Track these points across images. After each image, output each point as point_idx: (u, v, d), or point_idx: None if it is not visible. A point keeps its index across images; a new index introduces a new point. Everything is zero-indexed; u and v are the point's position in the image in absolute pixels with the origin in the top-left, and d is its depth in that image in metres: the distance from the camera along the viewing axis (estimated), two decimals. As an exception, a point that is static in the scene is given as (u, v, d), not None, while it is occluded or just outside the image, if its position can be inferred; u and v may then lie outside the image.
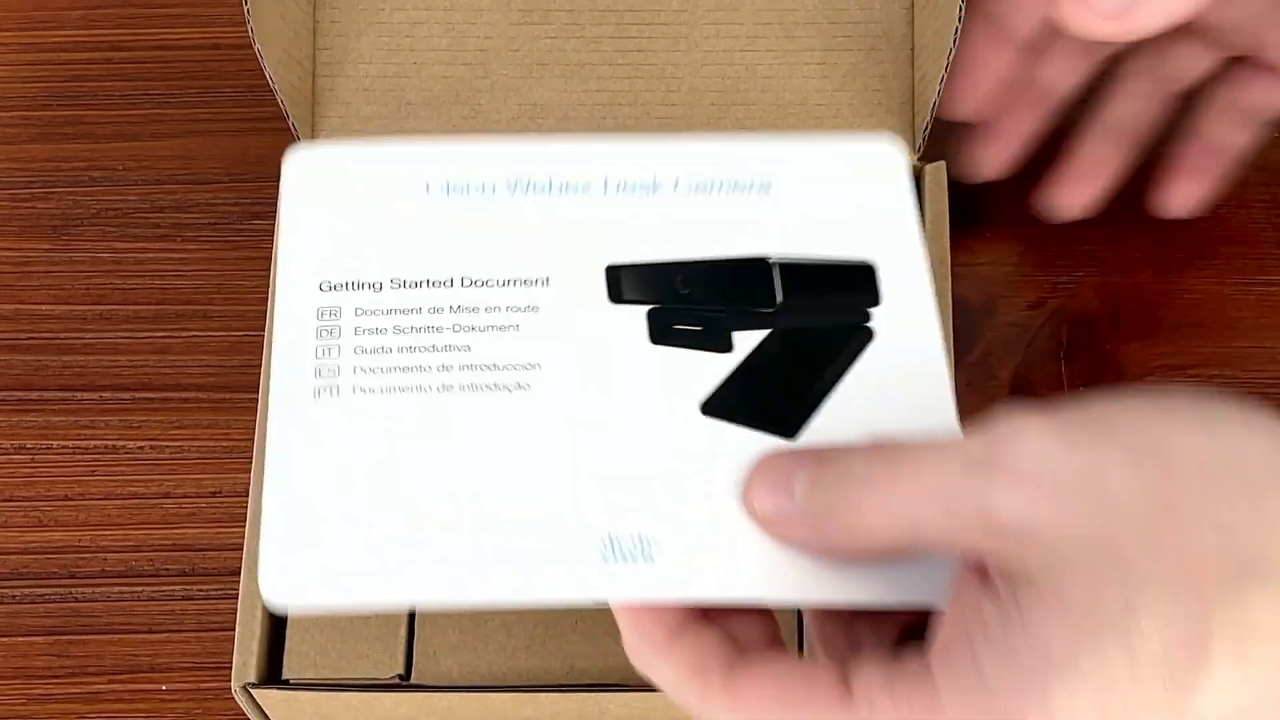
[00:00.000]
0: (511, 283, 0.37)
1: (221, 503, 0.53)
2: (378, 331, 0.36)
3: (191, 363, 0.54)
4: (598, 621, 0.45)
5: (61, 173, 0.57)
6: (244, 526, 0.46)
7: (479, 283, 0.37)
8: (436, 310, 0.36)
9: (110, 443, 0.53)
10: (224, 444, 0.53)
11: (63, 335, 0.55)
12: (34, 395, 0.54)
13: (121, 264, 0.56)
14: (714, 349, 0.36)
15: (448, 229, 0.38)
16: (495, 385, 0.35)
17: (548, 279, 0.37)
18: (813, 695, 0.31)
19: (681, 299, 0.37)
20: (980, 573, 0.30)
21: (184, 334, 0.55)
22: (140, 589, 0.52)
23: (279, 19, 0.48)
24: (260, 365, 0.47)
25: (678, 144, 0.40)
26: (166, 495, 0.53)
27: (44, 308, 0.55)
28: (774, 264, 0.37)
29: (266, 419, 0.35)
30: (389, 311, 0.36)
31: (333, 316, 0.36)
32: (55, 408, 0.54)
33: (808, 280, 0.37)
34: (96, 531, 0.52)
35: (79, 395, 0.54)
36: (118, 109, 0.58)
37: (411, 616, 0.46)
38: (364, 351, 0.36)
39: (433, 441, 0.35)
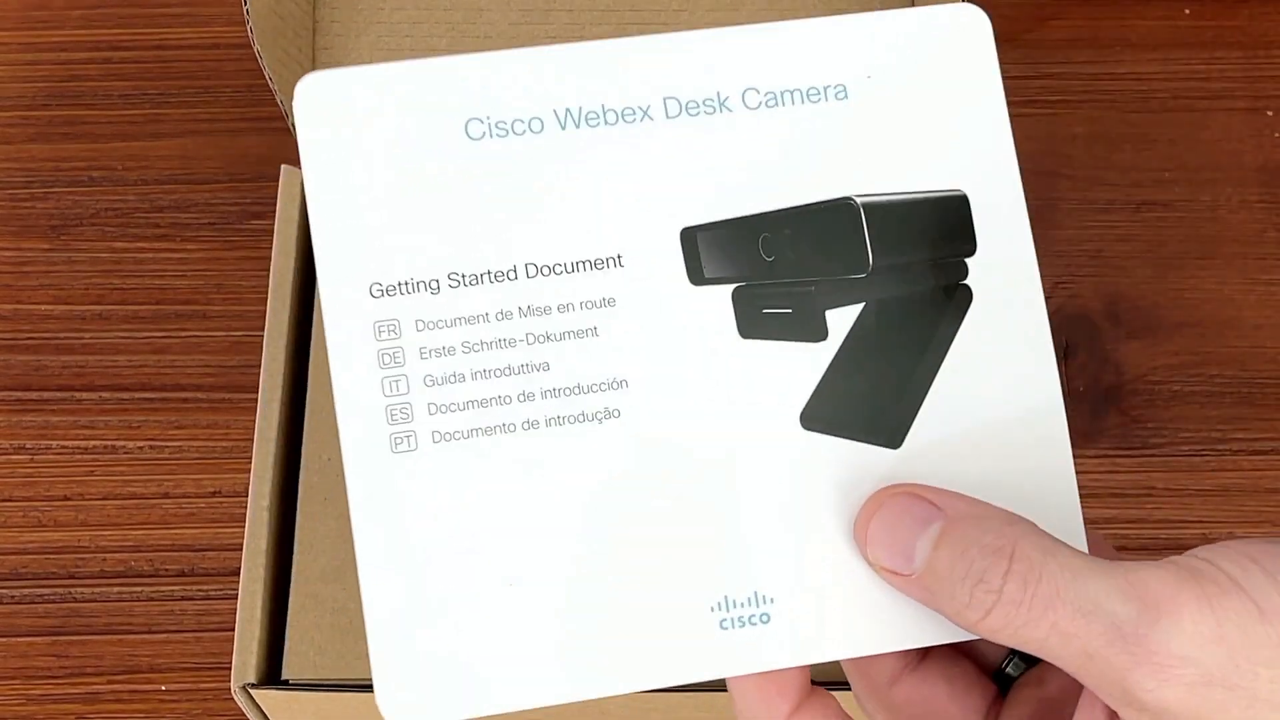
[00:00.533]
0: (582, 266, 0.33)
1: (221, 503, 0.53)
2: (446, 353, 0.33)
3: (191, 363, 0.54)
4: (597, 622, 0.45)
5: (60, 172, 0.57)
6: (243, 526, 0.45)
7: (546, 270, 0.33)
8: (505, 316, 0.33)
9: (109, 443, 0.53)
10: (223, 444, 0.53)
11: (62, 335, 0.55)
12: (33, 395, 0.54)
13: (120, 264, 0.56)
14: (807, 338, 0.33)
15: (498, 191, 0.33)
16: (582, 416, 0.33)
17: (619, 256, 0.33)
18: None
19: (766, 269, 0.33)
20: (1111, 717, 0.30)
21: (183, 334, 0.55)
22: (139, 589, 0.52)
23: (278, 19, 0.48)
24: (259, 365, 0.47)
25: (738, 35, 0.35)
26: (166, 495, 0.53)
27: (43, 308, 0.55)
28: (861, 206, 0.33)
29: (345, 472, 0.32)
30: (454, 323, 0.33)
31: (392, 334, 0.33)
32: (54, 408, 0.54)
33: (898, 226, 0.33)
34: (96, 532, 0.52)
35: (78, 395, 0.54)
36: (117, 109, 0.58)
37: (411, 617, 0.46)
38: (435, 383, 0.32)
39: (523, 502, 0.32)
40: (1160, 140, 0.58)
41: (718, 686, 0.44)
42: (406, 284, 0.33)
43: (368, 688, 0.45)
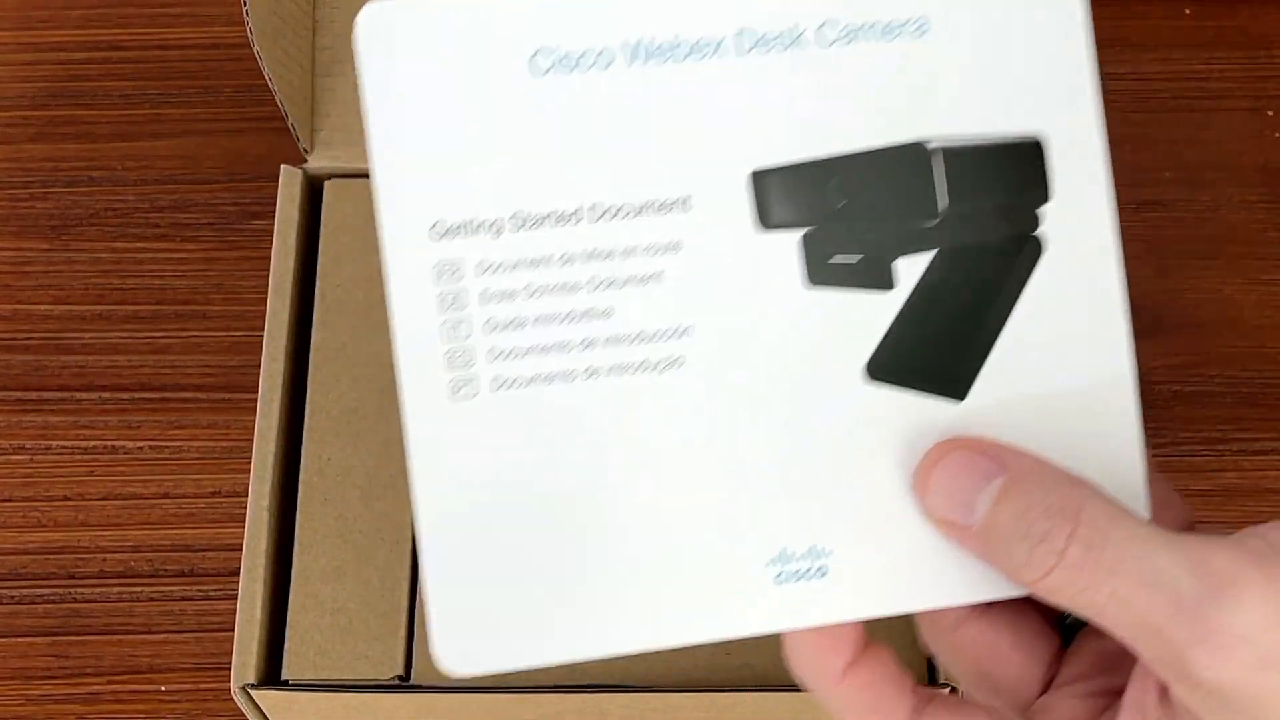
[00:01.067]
0: (647, 208, 0.32)
1: (220, 503, 0.53)
2: (509, 297, 0.32)
3: (190, 363, 0.54)
4: (598, 622, 0.45)
5: (60, 172, 0.57)
6: (243, 526, 0.45)
7: (611, 212, 0.32)
8: (569, 260, 0.32)
9: (109, 443, 0.53)
10: (223, 444, 0.53)
11: (62, 335, 0.55)
12: (33, 395, 0.54)
13: (120, 264, 0.56)
14: (875, 286, 0.32)
15: (563, 128, 0.32)
16: (644, 364, 0.32)
17: (687, 198, 0.32)
18: None
19: (836, 214, 0.33)
20: (1162, 690, 0.30)
21: (183, 334, 0.55)
22: (139, 589, 0.52)
23: (278, 19, 0.48)
24: (259, 365, 0.47)
25: None
26: (165, 495, 0.53)
27: (43, 308, 0.55)
28: (933, 151, 0.32)
29: (404, 419, 0.32)
30: (516, 266, 0.32)
31: (454, 277, 0.32)
32: (54, 408, 0.54)
33: (971, 173, 0.33)
34: (95, 532, 0.52)
35: (78, 395, 0.54)
36: (117, 109, 0.58)
37: (411, 618, 0.46)
38: (497, 328, 0.32)
39: (585, 451, 0.32)
40: (1160, 140, 0.58)
41: (718, 686, 0.44)
42: (468, 224, 0.32)
43: (368, 688, 0.45)
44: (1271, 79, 0.58)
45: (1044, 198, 0.33)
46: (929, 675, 0.44)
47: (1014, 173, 0.32)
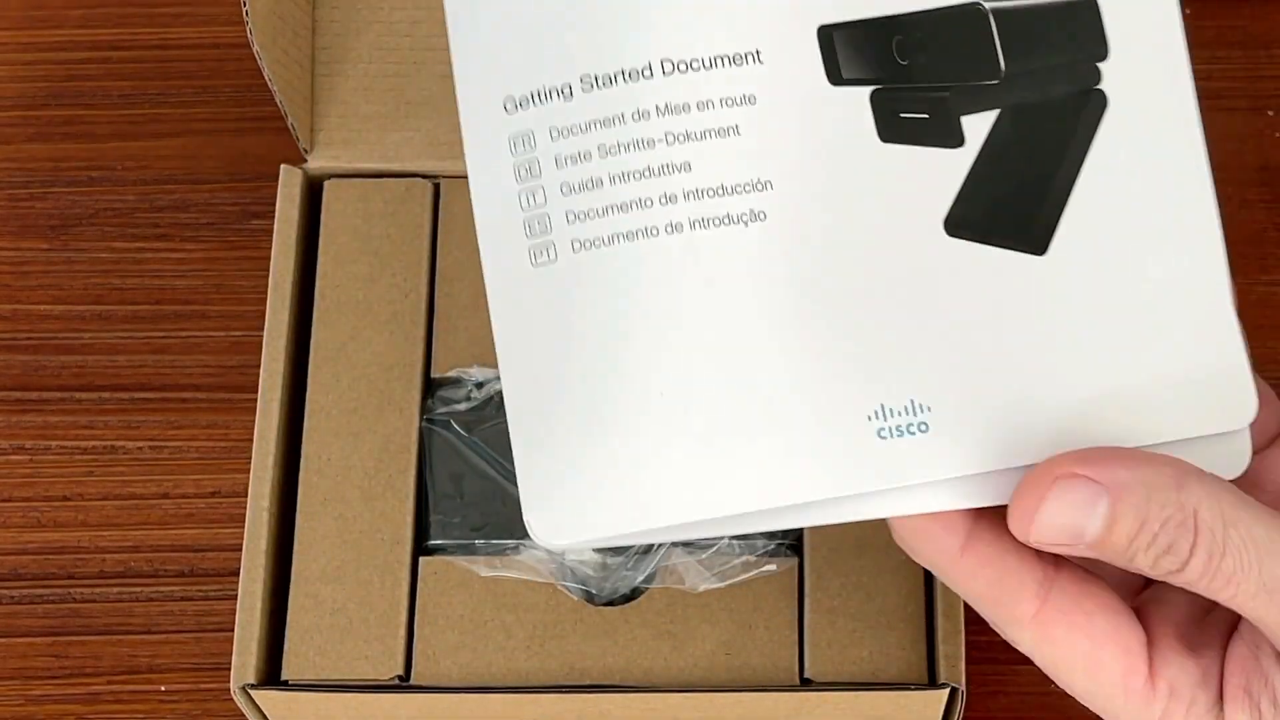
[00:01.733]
0: (720, 61, 0.31)
1: (220, 503, 0.53)
2: (582, 158, 0.31)
3: (190, 363, 0.54)
4: (598, 622, 0.45)
5: (60, 172, 0.57)
6: (243, 527, 0.45)
7: (683, 65, 0.31)
8: (643, 115, 0.31)
9: (109, 443, 0.53)
10: (223, 444, 0.53)
11: (61, 335, 0.55)
12: (32, 395, 0.54)
13: (120, 264, 0.56)
14: (945, 144, 0.32)
15: None
16: (728, 218, 0.31)
17: (758, 52, 0.31)
18: (1122, 677, 0.32)
19: (902, 72, 0.32)
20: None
21: (183, 334, 0.55)
22: (139, 589, 0.52)
23: (277, 18, 0.48)
24: (259, 365, 0.47)
25: None
26: (165, 495, 0.53)
27: (42, 307, 0.55)
28: (987, 11, 0.32)
29: (487, 292, 0.31)
30: (588, 127, 0.31)
31: (527, 147, 0.31)
32: (54, 408, 0.54)
33: (1028, 31, 0.32)
34: (95, 532, 0.52)
35: (77, 395, 0.54)
36: (116, 108, 0.58)
37: (411, 618, 0.46)
38: (573, 190, 0.31)
39: (670, 306, 0.31)
40: (1160, 140, 0.58)
41: (718, 686, 0.44)
42: (539, 93, 0.31)
43: (368, 689, 0.45)
44: (1271, 79, 0.58)
45: (1102, 54, 0.32)
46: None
47: (1070, 28, 0.32)
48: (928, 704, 0.43)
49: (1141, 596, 0.34)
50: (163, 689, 0.51)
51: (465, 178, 0.49)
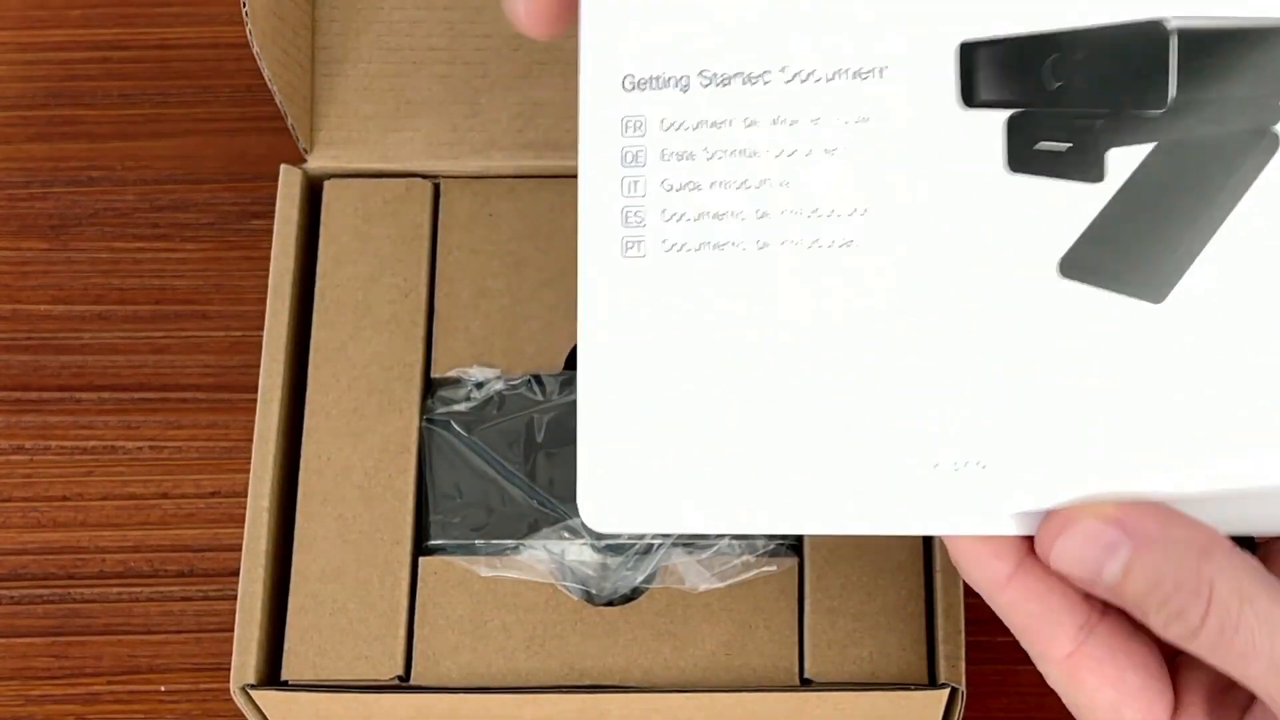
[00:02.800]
0: (841, 75, 0.30)
1: (220, 503, 0.53)
2: (687, 157, 0.31)
3: (190, 363, 0.54)
4: (598, 622, 0.45)
5: (60, 172, 0.57)
6: (243, 527, 0.45)
7: (802, 76, 0.30)
8: (753, 124, 0.30)
9: (108, 443, 0.53)
10: (222, 444, 0.53)
11: (61, 335, 0.55)
12: (32, 395, 0.54)
13: (119, 264, 0.56)
14: (1083, 178, 0.30)
15: None
16: (817, 242, 0.30)
17: (884, 68, 0.30)
18: None
19: (1050, 95, 0.30)
20: None
21: (182, 334, 0.55)
22: (139, 590, 0.52)
23: (277, 18, 0.48)
24: (259, 365, 0.47)
25: None
26: (165, 495, 0.53)
27: (42, 307, 0.55)
28: (1171, 31, 0.29)
29: (579, 266, 0.31)
30: (698, 125, 0.30)
31: (637, 131, 0.31)
32: (53, 408, 0.54)
33: (1211, 58, 0.29)
34: (95, 532, 0.52)
35: (77, 395, 0.54)
36: (116, 108, 0.58)
37: (411, 618, 0.46)
38: (673, 188, 0.31)
39: (750, 325, 0.30)
40: (1160, 140, 0.58)
41: (718, 686, 0.44)
42: (657, 79, 0.31)
43: (368, 689, 0.45)
44: (1272, 79, 0.58)
45: None
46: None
47: (1261, 60, 0.29)
48: (928, 704, 0.43)
49: (1181, 656, 0.34)
50: (163, 689, 0.51)
51: (465, 178, 0.49)
